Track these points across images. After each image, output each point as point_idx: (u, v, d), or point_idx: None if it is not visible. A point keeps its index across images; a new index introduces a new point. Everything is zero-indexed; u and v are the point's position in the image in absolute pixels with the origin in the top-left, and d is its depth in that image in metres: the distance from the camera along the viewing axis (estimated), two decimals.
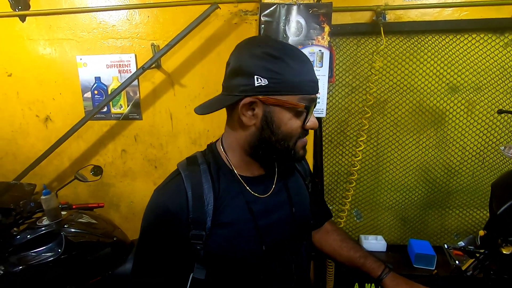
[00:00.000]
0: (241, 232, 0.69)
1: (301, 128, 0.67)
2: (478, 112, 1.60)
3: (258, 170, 0.74)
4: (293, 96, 0.64)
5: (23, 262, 1.17)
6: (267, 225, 0.71)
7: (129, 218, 1.96)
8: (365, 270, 0.84)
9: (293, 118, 0.66)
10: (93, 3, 1.66)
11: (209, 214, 0.66)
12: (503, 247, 0.69)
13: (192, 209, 0.66)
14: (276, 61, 0.62)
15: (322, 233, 0.96)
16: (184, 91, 1.72)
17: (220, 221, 0.67)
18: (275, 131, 0.66)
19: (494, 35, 1.50)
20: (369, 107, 1.52)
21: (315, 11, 1.38)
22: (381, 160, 1.74)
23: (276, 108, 0.64)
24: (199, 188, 0.67)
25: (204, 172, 0.70)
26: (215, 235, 0.67)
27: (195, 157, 0.74)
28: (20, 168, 1.73)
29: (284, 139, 0.67)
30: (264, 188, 0.74)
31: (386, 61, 1.59)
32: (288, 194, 0.77)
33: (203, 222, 0.66)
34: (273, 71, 0.62)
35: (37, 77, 1.79)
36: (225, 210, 0.68)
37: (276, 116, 0.65)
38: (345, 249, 0.90)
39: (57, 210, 1.31)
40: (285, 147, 0.68)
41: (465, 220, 1.76)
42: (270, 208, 0.73)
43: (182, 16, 1.58)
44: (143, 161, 1.85)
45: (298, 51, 0.67)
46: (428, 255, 1.51)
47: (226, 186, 0.70)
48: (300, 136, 0.68)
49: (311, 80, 0.66)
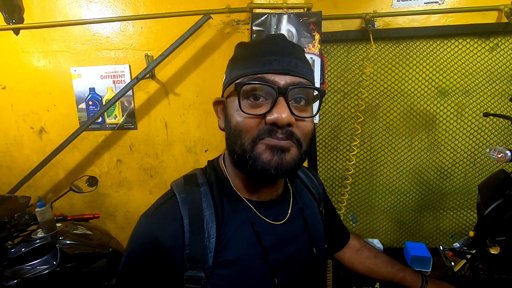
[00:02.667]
0: (248, 271, 0.55)
1: (257, 122, 0.52)
2: (468, 114, 1.64)
3: (267, 193, 0.61)
4: (237, 81, 0.53)
5: (18, 276, 1.16)
6: (281, 261, 0.58)
7: (126, 228, 1.95)
8: (406, 284, 0.80)
9: (241, 108, 0.52)
10: (87, 16, 1.68)
11: (211, 249, 0.52)
12: (491, 247, 0.70)
13: (190, 243, 0.52)
14: (235, 54, 0.58)
15: (351, 253, 0.89)
16: (179, 100, 1.73)
17: (223, 259, 0.54)
18: (227, 127, 0.56)
19: (480, 39, 1.54)
20: (361, 112, 1.55)
21: (306, 19, 1.41)
22: (375, 164, 1.76)
23: (228, 100, 0.57)
24: (199, 215, 0.54)
25: (205, 194, 0.56)
26: (217, 276, 0.53)
27: (194, 176, 0.61)
28: (15, 181, 1.72)
29: (236, 137, 0.53)
30: (278, 213, 0.61)
31: (377, 66, 1.62)
32: (305, 222, 0.64)
33: (203, 260, 0.52)
34: (229, 65, 0.58)
35: (32, 89, 1.79)
36: (229, 244, 0.54)
37: (228, 109, 0.56)
38: (381, 265, 0.84)
39: (52, 222, 1.31)
40: (241, 150, 0.53)
41: (460, 221, 1.78)
42: (285, 239, 0.60)
43: (175, 26, 1.60)
44: (138, 170, 1.85)
45: (263, 37, 0.57)
46: (424, 257, 1.52)
47: (232, 212, 0.57)
48: (260, 136, 0.52)
49: (263, 58, 0.52)
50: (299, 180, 0.74)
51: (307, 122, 0.54)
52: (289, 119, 0.50)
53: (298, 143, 0.53)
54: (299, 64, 0.54)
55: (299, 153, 0.54)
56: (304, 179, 0.76)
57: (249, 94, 0.52)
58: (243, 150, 0.53)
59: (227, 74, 0.59)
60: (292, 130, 0.52)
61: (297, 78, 0.52)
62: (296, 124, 0.52)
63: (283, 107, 0.50)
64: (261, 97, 0.52)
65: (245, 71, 0.53)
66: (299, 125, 0.53)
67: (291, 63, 0.52)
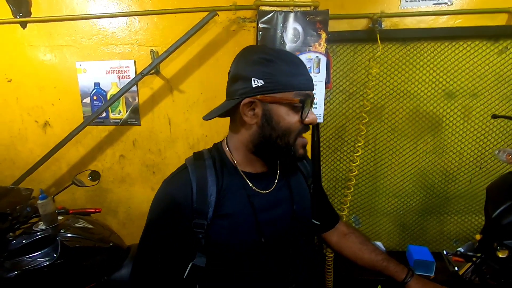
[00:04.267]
0: (241, 223, 0.72)
1: (300, 123, 0.70)
2: (475, 118, 1.61)
3: (261, 167, 0.78)
4: (288, 92, 0.68)
5: (18, 268, 1.15)
6: (267, 220, 0.74)
7: (127, 224, 1.95)
8: (388, 273, 0.84)
9: (291, 113, 0.69)
10: (94, 11, 1.68)
11: (211, 205, 0.70)
12: (499, 251, 0.69)
13: (196, 200, 0.70)
14: (270, 64, 0.68)
15: (339, 236, 0.95)
16: (183, 97, 1.73)
17: (221, 212, 0.71)
18: (275, 127, 0.70)
19: (489, 42, 1.52)
20: (366, 113, 1.53)
21: (312, 18, 1.40)
22: (379, 165, 1.75)
23: (274, 105, 0.69)
24: (203, 181, 0.71)
25: (209, 166, 0.74)
26: (216, 225, 0.70)
27: (201, 153, 0.79)
28: (19, 174, 1.73)
29: (284, 135, 0.70)
30: (266, 184, 0.77)
31: (383, 67, 1.61)
32: (290, 191, 0.80)
33: (206, 212, 0.70)
34: (267, 73, 0.68)
35: (37, 83, 1.80)
36: (226, 203, 0.72)
37: (275, 112, 0.69)
38: (366, 252, 0.89)
39: (53, 215, 1.30)
40: (285, 144, 0.71)
41: (464, 226, 1.76)
42: (271, 204, 0.76)
43: (181, 23, 1.60)
44: (141, 166, 1.85)
45: (290, 55, 0.72)
46: (427, 261, 1.50)
47: (229, 181, 0.74)
48: (299, 132, 0.71)
49: (304, 77, 0.70)
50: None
51: None
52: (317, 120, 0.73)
53: None
54: None
55: None
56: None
57: (297, 104, 0.69)
58: (288, 143, 0.71)
59: (266, 79, 0.68)
60: None
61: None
62: None
63: (312, 113, 0.72)
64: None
65: (298, 86, 0.69)
66: None
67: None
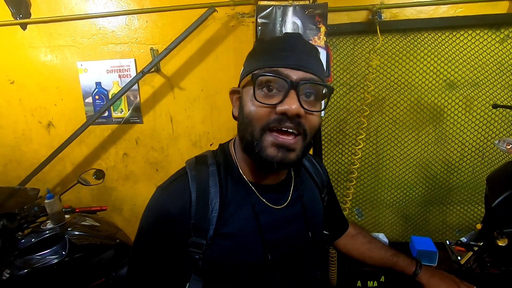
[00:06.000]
0: (244, 245, 0.62)
1: (268, 111, 0.56)
2: (476, 108, 1.61)
3: (270, 178, 0.67)
4: (255, 71, 0.57)
5: (28, 266, 1.18)
6: (275, 240, 0.64)
7: (132, 221, 1.98)
8: (399, 269, 0.83)
9: (255, 97, 0.56)
10: (93, 10, 1.69)
11: (213, 222, 0.59)
12: (499, 239, 0.70)
13: (195, 214, 0.59)
14: (253, 47, 0.64)
15: (347, 239, 0.92)
16: (184, 94, 1.74)
17: (224, 231, 0.61)
18: (241, 116, 0.60)
19: (490, 30, 1.51)
20: (367, 106, 1.53)
21: (311, 11, 1.39)
22: (381, 158, 1.75)
23: (243, 89, 0.61)
24: (205, 192, 0.61)
25: (212, 174, 0.63)
26: (216, 245, 0.60)
27: (205, 157, 0.68)
28: (24, 174, 1.75)
29: (246, 124, 0.58)
30: (278, 198, 0.67)
31: (383, 59, 1.60)
32: (303, 208, 0.69)
33: (205, 230, 0.59)
34: (248, 57, 0.63)
35: (39, 84, 1.81)
36: (230, 220, 0.61)
37: (243, 98, 0.61)
38: (375, 250, 0.87)
39: (60, 213, 1.33)
40: (250, 138, 0.58)
41: (467, 216, 1.76)
42: (281, 222, 0.66)
43: (180, 20, 1.60)
44: (144, 164, 1.87)
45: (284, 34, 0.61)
46: (430, 252, 1.51)
47: (234, 191, 0.63)
48: (268, 123, 0.56)
49: (278, 53, 0.57)
50: (304, 167, 0.78)
51: (315, 116, 0.59)
52: (298, 110, 0.54)
53: (304, 134, 0.57)
54: (312, 61, 0.58)
55: (302, 146, 0.59)
56: (309, 167, 0.79)
57: (264, 85, 0.56)
58: (252, 137, 0.57)
59: (245, 66, 0.63)
60: (300, 121, 0.56)
61: (308, 74, 0.56)
62: (305, 117, 0.57)
63: (293, 99, 0.54)
64: (275, 89, 0.56)
65: (261, 64, 0.57)
66: (307, 118, 0.57)
67: (304, 60, 0.57)
